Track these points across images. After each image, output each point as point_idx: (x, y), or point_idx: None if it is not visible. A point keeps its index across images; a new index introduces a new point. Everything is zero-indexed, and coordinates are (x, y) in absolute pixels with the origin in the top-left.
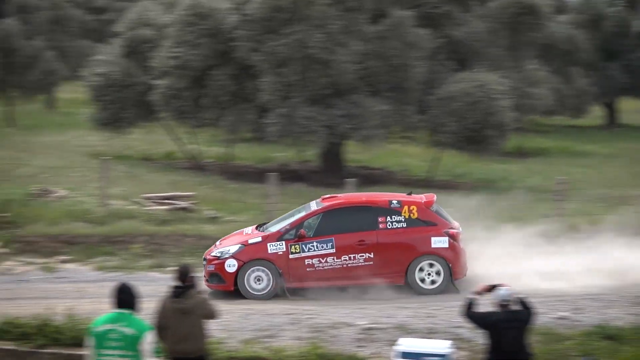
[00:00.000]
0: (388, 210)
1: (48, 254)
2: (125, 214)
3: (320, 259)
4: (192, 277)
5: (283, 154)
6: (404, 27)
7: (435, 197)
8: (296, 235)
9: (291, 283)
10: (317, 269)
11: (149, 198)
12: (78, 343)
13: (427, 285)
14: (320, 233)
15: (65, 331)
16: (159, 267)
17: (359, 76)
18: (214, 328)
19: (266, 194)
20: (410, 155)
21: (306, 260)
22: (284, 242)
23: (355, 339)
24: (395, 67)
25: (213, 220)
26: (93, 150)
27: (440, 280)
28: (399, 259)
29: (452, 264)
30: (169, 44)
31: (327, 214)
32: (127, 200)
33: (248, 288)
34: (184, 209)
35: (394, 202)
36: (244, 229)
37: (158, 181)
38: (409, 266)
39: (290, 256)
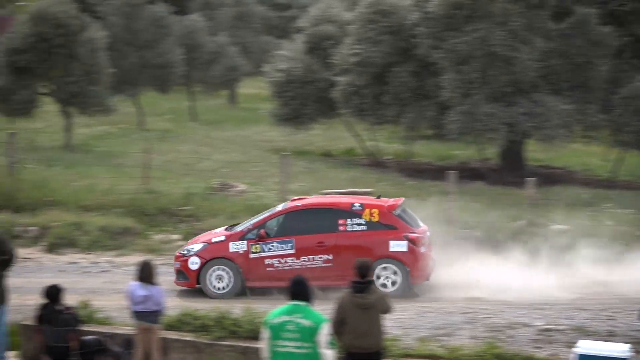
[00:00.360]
0: (349, 212)
1: None
2: None
3: (280, 259)
4: (372, 272)
5: (463, 152)
6: (588, 25)
7: (401, 201)
8: (257, 235)
9: (251, 282)
10: (276, 268)
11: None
12: (254, 336)
13: (383, 289)
14: (282, 234)
15: (242, 324)
16: None
17: (540, 74)
18: (389, 325)
19: (445, 191)
20: (592, 155)
21: (266, 260)
22: (245, 242)
23: (533, 340)
24: (578, 66)
25: None
26: (273, 145)
27: (397, 284)
28: None
29: (410, 268)
30: (350, 41)
31: (289, 215)
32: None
33: (210, 286)
34: None
35: (356, 204)
36: (215, 229)
37: (337, 177)
38: None
39: (251, 255)
